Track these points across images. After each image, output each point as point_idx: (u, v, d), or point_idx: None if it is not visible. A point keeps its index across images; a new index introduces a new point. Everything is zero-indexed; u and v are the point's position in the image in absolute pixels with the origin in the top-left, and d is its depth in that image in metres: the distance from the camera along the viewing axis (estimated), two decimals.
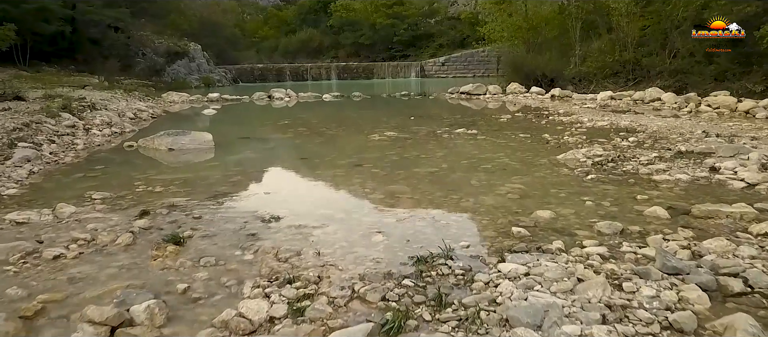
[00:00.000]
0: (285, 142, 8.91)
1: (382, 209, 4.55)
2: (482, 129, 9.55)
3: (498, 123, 10.52)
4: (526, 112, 12.26)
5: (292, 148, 8.19)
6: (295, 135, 9.46)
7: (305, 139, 9.06)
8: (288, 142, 8.83)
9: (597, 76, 17.45)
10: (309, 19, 51.54)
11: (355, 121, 11.56)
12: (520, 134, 8.75)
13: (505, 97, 16.93)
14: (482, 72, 37.23)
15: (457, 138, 8.56)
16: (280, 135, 9.53)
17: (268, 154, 7.75)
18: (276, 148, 8.34)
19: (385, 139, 8.59)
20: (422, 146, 7.86)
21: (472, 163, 6.50)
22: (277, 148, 8.31)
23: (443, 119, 11.37)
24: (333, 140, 8.90)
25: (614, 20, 17.52)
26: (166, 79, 28.75)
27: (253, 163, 6.88)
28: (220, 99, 18.41)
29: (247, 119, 12.89)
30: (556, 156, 6.69)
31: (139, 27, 31.35)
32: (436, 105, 16.35)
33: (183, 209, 4.60)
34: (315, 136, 9.26)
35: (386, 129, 9.81)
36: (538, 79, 17.74)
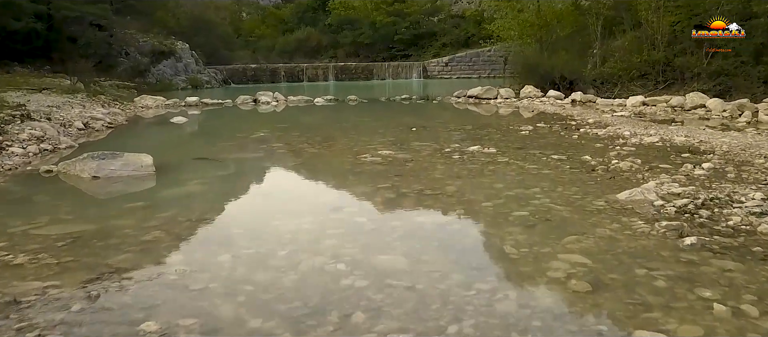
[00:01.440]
0: (250, 165, 6.98)
1: (360, 323, 2.62)
2: (501, 146, 7.62)
3: (519, 137, 8.58)
4: (549, 122, 10.33)
5: (254, 178, 6.26)
6: (268, 154, 7.54)
7: (278, 160, 7.14)
8: (253, 167, 6.90)
9: (622, 78, 15.49)
10: (307, 17, 49.61)
11: (346, 133, 9.65)
12: (553, 155, 6.81)
13: (518, 102, 14.99)
14: (488, 73, 35.26)
15: (471, 160, 6.63)
16: (249, 154, 7.59)
17: (219, 188, 5.82)
18: (234, 176, 6.39)
19: (378, 161, 6.67)
20: (427, 175, 5.93)
21: (499, 207, 4.58)
22: (235, 178, 6.35)
23: (451, 131, 9.44)
24: (312, 164, 6.98)
25: (642, 15, 15.58)
26: (150, 81, 26.83)
27: (190, 205, 4.95)
28: (199, 103, 16.48)
29: (220, 130, 10.98)
30: (616, 195, 4.75)
31: (124, 25, 29.46)
32: (441, 111, 14.42)
33: (26, 310, 2.69)
34: (291, 157, 7.33)
35: (382, 144, 7.90)
36: (555, 81, 15.79)
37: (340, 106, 16.35)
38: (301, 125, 11.48)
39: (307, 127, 11.17)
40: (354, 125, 11.09)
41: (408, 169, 6.22)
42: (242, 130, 10.39)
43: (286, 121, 12.55)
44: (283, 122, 12.45)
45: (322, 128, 10.68)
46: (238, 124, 11.91)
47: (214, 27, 35.65)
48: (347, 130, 10.13)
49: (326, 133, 9.75)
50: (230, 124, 12.27)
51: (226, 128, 11.21)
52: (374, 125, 10.73)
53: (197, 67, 29.11)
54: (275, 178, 6.16)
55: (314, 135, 9.51)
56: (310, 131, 10.10)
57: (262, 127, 10.66)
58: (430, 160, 6.71)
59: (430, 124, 10.64)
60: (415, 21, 39.79)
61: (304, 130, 10.36)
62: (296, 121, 12.62)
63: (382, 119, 12.31)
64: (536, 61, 16.28)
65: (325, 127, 10.82)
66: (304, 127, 11.00)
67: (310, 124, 11.66)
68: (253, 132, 9.85)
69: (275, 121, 12.82)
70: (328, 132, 9.89)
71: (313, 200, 4.98)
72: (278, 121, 12.65)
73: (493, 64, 34.92)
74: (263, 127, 10.89)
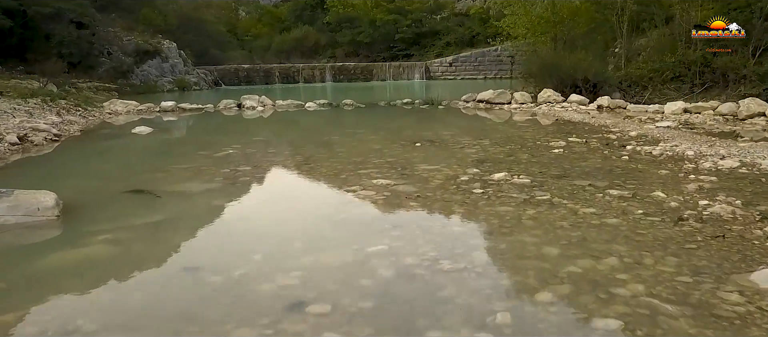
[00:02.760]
0: (195, 205, 5.14)
1: None
2: (534, 172, 5.80)
3: (552, 157, 6.75)
4: (582, 134, 8.51)
5: (189, 231, 4.38)
6: (226, 185, 5.71)
7: (234, 197, 5.32)
8: (199, 208, 5.06)
9: (653, 80, 13.66)
10: (305, 16, 47.89)
11: (334, 151, 7.85)
12: (609, 188, 4.99)
13: (536, 108, 13.16)
14: (494, 73, 33.44)
15: (499, 196, 4.81)
16: (202, 185, 5.75)
17: (137, 251, 3.92)
18: (167, 225, 4.50)
19: (371, 198, 4.87)
20: (440, 227, 4.12)
21: (564, 304, 2.75)
22: (167, 229, 4.44)
23: (465, 147, 7.63)
24: (279, 205, 5.16)
25: (676, 8, 13.76)
26: (133, 82, 25.07)
27: (75, 289, 3.14)
28: (176, 109, 14.69)
29: (184, 145, 9.17)
30: (748, 276, 2.95)
31: (108, 22, 27.68)
32: (449, 119, 12.60)
33: None
34: (254, 191, 5.51)
35: (378, 168, 6.10)
36: (576, 84, 13.96)
37: (333, 112, 14.55)
38: (282, 138, 9.68)
39: (290, 140, 9.37)
40: (346, 139, 9.28)
41: (412, 215, 4.41)
42: (211, 145, 8.58)
43: (267, 132, 10.76)
44: (263, 133, 10.65)
45: (307, 142, 8.86)
46: (210, 137, 10.09)
47: (205, 25, 33.90)
48: (337, 146, 8.32)
49: (310, 149, 7.94)
50: (201, 136, 10.47)
51: (193, 142, 9.39)
52: (371, 139, 8.92)
53: (185, 68, 27.33)
54: (219, 234, 4.31)
55: (295, 152, 7.70)
56: (292, 147, 8.29)
57: (236, 140, 8.85)
58: (442, 197, 4.89)
59: (438, 136, 8.83)
60: (417, 19, 37.96)
61: (285, 144, 8.55)
62: (279, 131, 10.83)
63: (381, 130, 10.50)
64: (555, 62, 14.42)
65: (310, 141, 9.01)
66: (285, 141, 9.19)
67: (293, 137, 9.85)
68: (222, 147, 8.04)
69: (255, 131, 11.01)
70: (313, 148, 8.08)
71: (263, 284, 3.15)
72: (258, 132, 10.85)
73: (500, 64, 33.07)
74: (238, 139, 9.08)
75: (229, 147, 8.07)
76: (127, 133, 10.23)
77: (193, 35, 31.83)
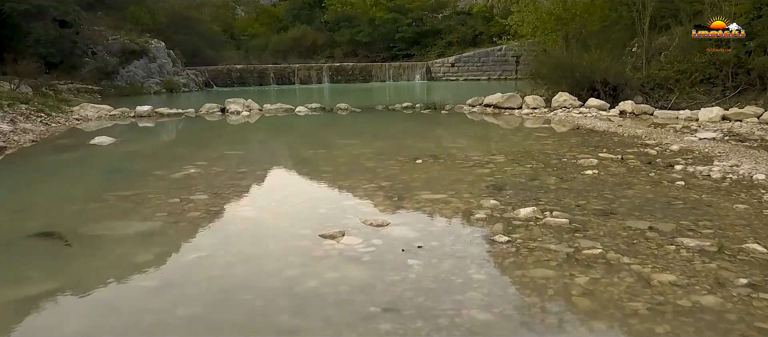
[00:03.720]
0: (106, 268, 3.72)
1: None
2: (569, 205, 4.46)
3: (587, 182, 5.40)
4: (611, 147, 7.16)
5: (81, 314, 3.07)
6: (163, 228, 4.34)
7: (169, 247, 3.97)
8: (110, 272, 3.66)
9: (681, 82, 12.31)
10: (302, 15, 46.57)
11: (317, 171, 6.52)
12: (680, 237, 3.64)
13: (551, 114, 11.81)
14: (498, 74, 32.10)
15: (530, 250, 3.47)
16: (131, 225, 4.38)
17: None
18: (48, 304, 3.18)
19: (355, 251, 3.53)
20: (454, 305, 2.78)
21: None
22: (44, 312, 3.15)
23: (476, 165, 6.28)
24: (227, 263, 3.80)
25: (705, 3, 12.41)
26: (118, 83, 23.73)
27: None
28: (152, 114, 13.35)
29: (141, 161, 7.81)
30: None
31: (94, 21, 26.37)
32: (453, 126, 11.27)
33: None
34: (197, 241, 4.14)
35: (370, 197, 4.78)
36: (594, 87, 12.59)
37: (326, 117, 13.21)
38: (261, 152, 8.34)
39: (269, 154, 8.03)
40: (335, 152, 7.94)
41: (411, 285, 3.06)
42: (174, 160, 7.25)
43: (245, 143, 9.44)
44: (240, 144, 9.31)
45: (288, 157, 7.53)
46: (177, 149, 8.76)
47: (197, 24, 32.53)
48: (322, 163, 6.98)
49: (290, 168, 6.61)
50: (167, 148, 9.13)
51: (154, 157, 8.04)
52: (363, 153, 7.58)
53: (174, 69, 25.99)
54: (134, 311, 3.00)
55: (270, 173, 6.37)
56: (268, 164, 6.94)
57: (206, 154, 7.53)
58: (453, 250, 3.55)
59: (443, 149, 7.49)
60: (417, 18, 36.60)
61: (261, 161, 7.20)
62: (260, 142, 9.51)
63: (377, 140, 9.17)
64: (570, 62, 13.05)
65: (293, 155, 7.68)
66: (263, 155, 7.86)
67: (274, 150, 8.51)
68: (185, 164, 6.70)
69: (232, 141, 9.68)
70: (292, 166, 6.75)
71: None
72: (235, 143, 9.51)
73: (505, 64, 31.74)
74: (208, 153, 7.75)
75: (194, 164, 6.73)
76: (85, 145, 8.89)
77: (185, 34, 30.49)
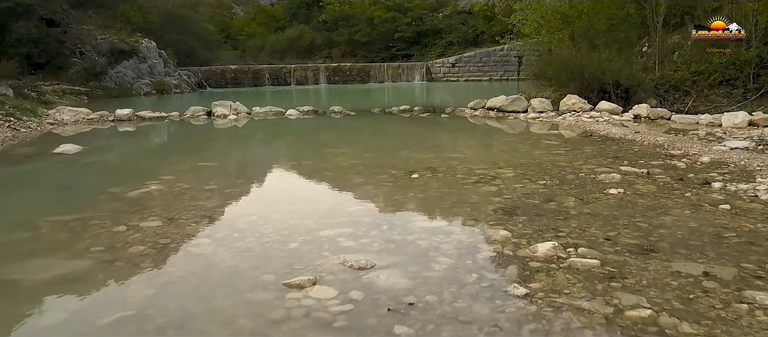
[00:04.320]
0: (13, 319, 2.95)
1: None
2: (595, 235, 3.63)
3: (613, 205, 4.56)
4: (632, 158, 6.32)
5: None
6: (92, 270, 3.47)
7: (105, 287, 3.13)
8: (16, 324, 2.87)
9: (698, 84, 11.47)
10: (300, 14, 45.73)
11: (295, 190, 5.70)
12: (750, 290, 2.80)
13: (559, 118, 10.97)
14: (500, 75, 31.25)
15: (555, 310, 2.63)
16: (52, 266, 3.48)
17: None
18: None
19: (327, 309, 2.69)
20: None
21: None
22: None
23: (480, 181, 5.45)
24: (169, 320, 2.96)
25: (725, 1, 11.58)
26: (107, 84, 22.93)
27: None
28: (133, 117, 12.52)
29: (101, 173, 6.97)
30: None
31: (83, 20, 25.55)
32: (454, 131, 10.44)
33: None
34: (129, 290, 3.30)
35: (351, 229, 3.95)
36: (605, 89, 11.75)
37: (318, 121, 12.38)
38: (237, 163, 7.49)
39: (246, 165, 7.20)
40: (321, 164, 7.11)
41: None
42: (137, 174, 6.43)
43: (223, 152, 8.60)
44: (217, 154, 8.48)
45: (267, 171, 6.70)
46: (145, 161, 7.92)
47: (190, 23, 31.68)
48: (304, 180, 6.15)
49: (266, 184, 5.78)
50: (136, 158, 8.27)
51: (116, 170, 7.18)
52: (353, 165, 6.75)
53: (165, 69, 25.15)
54: None
55: (241, 191, 5.53)
56: (241, 180, 6.10)
57: (175, 166, 6.70)
58: (453, 309, 2.71)
59: (443, 160, 6.65)
60: (417, 17, 35.75)
61: (234, 175, 6.36)
62: (239, 151, 8.68)
63: (370, 149, 8.34)
64: (579, 62, 12.20)
65: (270, 169, 6.84)
66: (238, 167, 7.02)
67: (253, 161, 7.67)
68: (148, 178, 5.88)
69: (210, 150, 8.85)
70: (269, 183, 5.92)
71: None
72: (212, 152, 8.68)
73: (507, 64, 30.90)
74: (179, 164, 6.92)
75: (159, 178, 5.90)
76: (48, 154, 8.06)
77: (178, 34, 29.68)
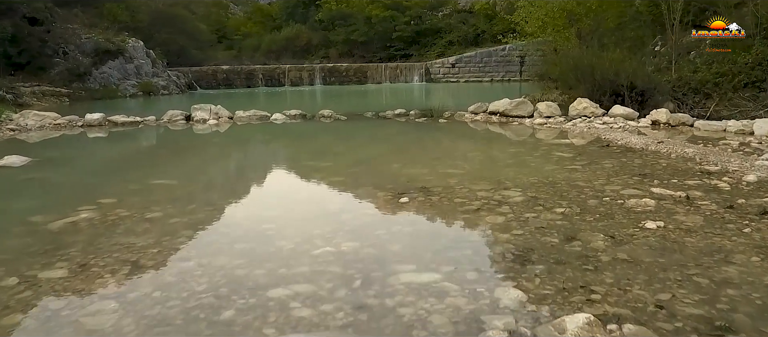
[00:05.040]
0: None
1: None
2: (641, 300, 2.62)
3: (655, 247, 3.55)
4: (664, 176, 5.32)
5: None
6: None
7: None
8: None
9: (721, 87, 10.46)
10: (297, 13, 44.73)
11: (254, 223, 4.70)
12: None
13: (568, 124, 9.97)
14: (501, 75, 30.24)
15: None
16: None
17: None
18: None
19: None
20: None
21: None
22: None
23: (482, 209, 4.45)
24: None
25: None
26: (91, 86, 21.95)
27: None
28: (105, 122, 11.53)
29: (38, 194, 5.96)
30: None
31: (69, 18, 24.58)
32: (452, 140, 9.44)
33: None
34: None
35: (314, 279, 2.93)
36: (618, 92, 10.75)
37: (304, 127, 11.37)
38: (195, 181, 6.48)
39: (201, 189, 6.19)
40: (294, 186, 6.11)
41: None
42: (74, 195, 5.44)
43: (185, 167, 7.60)
44: (178, 168, 7.48)
45: (224, 195, 5.70)
46: (91, 178, 6.90)
47: (182, 22, 30.68)
48: (269, 207, 5.15)
49: (217, 221, 4.77)
50: (83, 173, 7.24)
51: (53, 190, 6.16)
52: (333, 184, 5.75)
53: (153, 70, 24.15)
54: None
55: (188, 223, 4.52)
56: (192, 205, 5.09)
57: (122, 186, 5.71)
58: None
59: (438, 177, 5.65)
60: (416, 16, 34.76)
61: (185, 200, 5.35)
62: (207, 164, 7.66)
63: (356, 162, 7.34)
64: (590, 63, 11.18)
65: (231, 191, 5.84)
66: (193, 191, 6.01)
67: (216, 179, 6.65)
68: (84, 202, 4.88)
69: (173, 164, 7.85)
70: (220, 214, 4.91)
71: None
72: (175, 165, 7.68)
73: (508, 64, 29.88)
74: (126, 184, 5.93)
75: (97, 202, 4.90)
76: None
77: (168, 33, 28.70)
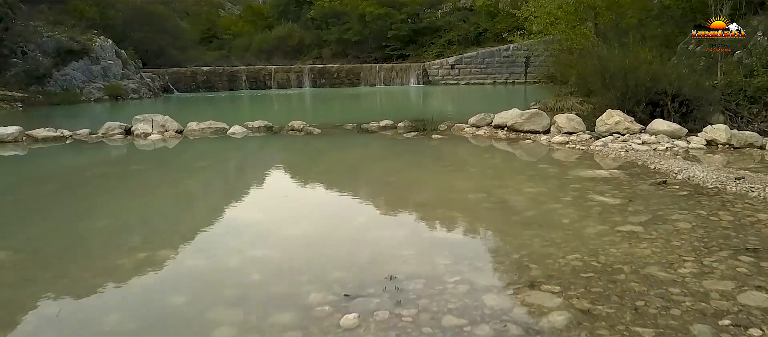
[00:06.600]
0: None
1: None
2: None
3: None
4: None
5: None
6: None
7: None
8: None
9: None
10: (289, 12, 42.65)
11: None
12: None
13: (596, 143, 7.79)
14: (505, 77, 28.05)
15: None
16: None
17: None
18: None
19: None
20: None
21: None
22: None
23: None
24: None
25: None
26: (51, 89, 19.83)
27: None
28: (21, 138, 9.39)
29: None
30: None
31: (33, 15, 22.49)
32: (447, 165, 7.25)
33: None
34: None
35: None
36: (656, 102, 8.58)
37: (265, 147, 9.22)
38: (45, 257, 4.29)
39: (82, 256, 4.03)
40: (214, 253, 3.95)
41: None
42: None
43: (79, 212, 5.44)
44: (70, 215, 5.31)
45: (115, 267, 3.54)
46: None
47: (161, 20, 28.53)
48: (159, 313, 2.99)
49: (76, 316, 2.59)
50: None
51: None
52: (245, 283, 3.59)
53: (123, 71, 22.00)
54: None
55: (42, 320, 2.35)
56: (67, 281, 2.93)
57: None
58: None
59: (419, 253, 3.51)
60: (413, 13, 32.56)
61: (51, 278, 3.18)
62: (104, 208, 5.48)
63: (304, 215, 5.18)
64: (623, 66, 8.97)
65: (123, 259, 3.68)
66: (61, 264, 3.85)
67: (104, 242, 4.46)
68: None
69: (70, 205, 5.68)
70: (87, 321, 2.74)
71: None
72: (69, 209, 5.51)
73: (512, 65, 27.66)
74: None
75: None
76: None
77: (145, 32, 26.60)
